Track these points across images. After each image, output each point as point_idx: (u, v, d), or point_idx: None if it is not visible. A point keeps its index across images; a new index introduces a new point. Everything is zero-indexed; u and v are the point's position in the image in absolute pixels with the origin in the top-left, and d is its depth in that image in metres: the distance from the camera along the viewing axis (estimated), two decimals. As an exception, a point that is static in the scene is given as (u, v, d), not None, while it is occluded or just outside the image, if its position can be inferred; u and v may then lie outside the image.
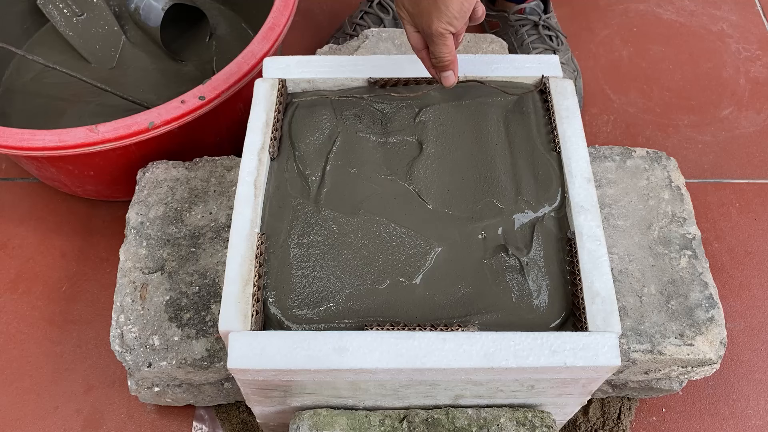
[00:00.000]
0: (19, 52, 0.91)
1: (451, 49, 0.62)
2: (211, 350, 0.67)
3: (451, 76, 0.64)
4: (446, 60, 0.63)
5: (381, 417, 0.62)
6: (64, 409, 0.81)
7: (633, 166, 0.77)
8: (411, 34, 0.64)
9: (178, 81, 1.01)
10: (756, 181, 1.01)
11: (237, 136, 0.78)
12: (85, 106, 0.97)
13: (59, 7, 1.02)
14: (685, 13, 1.21)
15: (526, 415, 0.62)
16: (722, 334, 0.67)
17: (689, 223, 0.73)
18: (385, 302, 0.58)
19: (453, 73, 0.64)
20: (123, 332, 0.67)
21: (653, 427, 0.81)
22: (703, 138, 1.06)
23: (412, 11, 0.61)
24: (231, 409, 0.80)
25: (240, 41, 1.05)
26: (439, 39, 0.60)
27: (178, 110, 0.77)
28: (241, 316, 0.55)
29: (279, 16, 0.86)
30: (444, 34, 0.60)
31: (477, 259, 0.60)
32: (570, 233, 0.61)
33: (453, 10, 0.58)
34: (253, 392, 0.60)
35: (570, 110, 0.67)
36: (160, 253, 0.72)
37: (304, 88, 0.71)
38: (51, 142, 0.75)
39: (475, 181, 0.64)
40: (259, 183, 0.62)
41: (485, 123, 0.68)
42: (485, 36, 0.91)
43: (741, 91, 1.11)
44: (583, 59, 1.14)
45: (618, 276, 0.70)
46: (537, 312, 0.58)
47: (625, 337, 0.66)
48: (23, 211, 0.96)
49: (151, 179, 0.78)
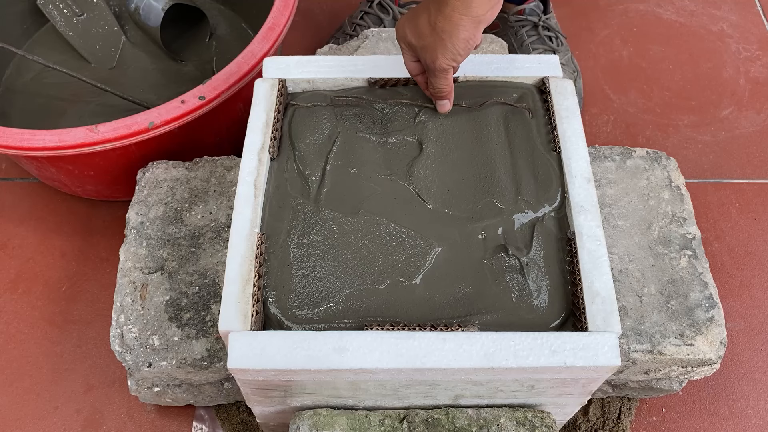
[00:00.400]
0: (19, 52, 0.91)
1: (450, 81, 0.63)
2: (211, 350, 0.67)
3: (447, 104, 0.66)
4: (444, 91, 0.64)
5: (381, 417, 0.62)
6: (64, 409, 0.81)
7: (633, 166, 0.77)
8: (409, 63, 0.65)
9: (178, 81, 1.01)
10: (756, 181, 1.01)
11: (237, 136, 0.78)
12: (85, 106, 0.97)
13: (59, 7, 1.02)
14: (685, 13, 1.21)
15: (526, 415, 0.62)
16: (722, 334, 0.67)
17: (689, 223, 0.73)
18: (385, 302, 0.58)
19: (449, 101, 0.66)
20: (123, 332, 0.67)
21: (653, 427, 0.81)
22: (703, 138, 1.06)
23: (416, 44, 0.61)
24: (231, 409, 0.80)
25: (240, 41, 1.05)
26: (441, 74, 0.62)
27: (178, 110, 0.77)
28: (241, 316, 0.55)
29: (279, 16, 0.86)
30: (447, 69, 0.61)
31: (477, 259, 0.60)
32: (570, 233, 0.61)
33: (459, 47, 0.59)
34: (253, 392, 0.60)
35: (570, 110, 0.67)
36: (160, 253, 0.72)
37: (304, 88, 0.71)
38: (51, 142, 0.75)
39: (475, 181, 0.64)
40: (259, 183, 0.62)
41: (485, 123, 0.68)
42: (485, 36, 0.91)
43: (741, 91, 1.11)
44: (583, 59, 1.14)
45: (618, 276, 0.70)
46: (537, 312, 0.58)
47: (625, 337, 0.66)
48: (23, 211, 0.96)
49: (151, 179, 0.78)
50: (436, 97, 0.66)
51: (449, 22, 0.57)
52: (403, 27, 0.62)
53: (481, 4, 0.57)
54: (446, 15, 0.57)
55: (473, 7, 0.57)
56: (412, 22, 0.61)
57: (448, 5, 0.57)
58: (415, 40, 0.61)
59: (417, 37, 0.60)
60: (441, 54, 0.59)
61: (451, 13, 0.57)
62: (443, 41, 0.58)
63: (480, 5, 0.57)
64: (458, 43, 0.58)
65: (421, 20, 0.60)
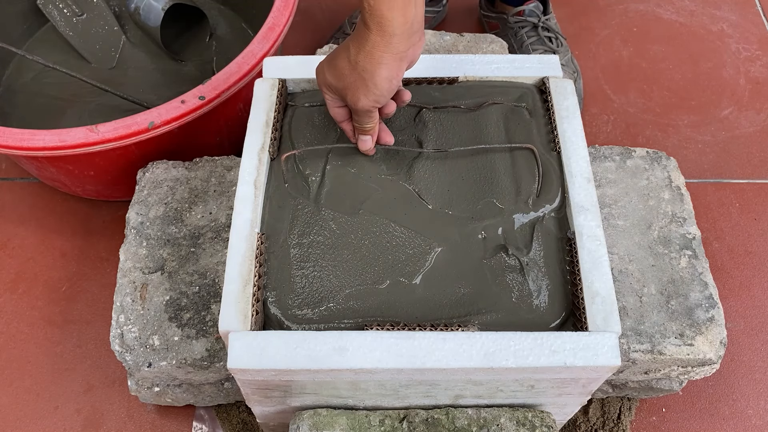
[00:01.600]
0: (19, 52, 0.91)
1: (375, 119, 0.61)
2: (211, 350, 0.67)
3: (369, 142, 0.63)
4: (368, 127, 0.61)
5: (381, 417, 0.62)
6: (64, 409, 0.81)
7: (633, 166, 0.77)
8: (333, 109, 0.62)
9: (178, 81, 1.01)
10: (756, 181, 1.01)
11: (237, 136, 0.78)
12: (85, 106, 0.98)
13: (59, 7, 1.02)
14: (685, 13, 1.21)
15: (526, 415, 0.62)
16: (722, 334, 0.67)
17: (689, 223, 0.73)
18: (385, 302, 0.58)
19: (371, 138, 0.63)
20: (123, 332, 0.67)
21: (653, 427, 0.81)
22: (703, 138, 1.06)
23: (336, 85, 0.58)
24: (231, 409, 0.80)
25: (240, 41, 1.05)
26: (365, 114, 0.59)
27: (178, 110, 0.77)
28: (241, 316, 0.55)
29: (279, 16, 0.86)
30: (371, 110, 0.59)
31: (477, 259, 0.60)
32: (570, 233, 0.61)
33: (382, 87, 0.56)
34: (253, 392, 0.60)
35: (570, 110, 0.67)
36: (160, 253, 0.72)
37: (304, 88, 0.71)
38: (51, 142, 0.75)
39: (475, 181, 0.64)
40: (259, 183, 0.62)
41: (485, 123, 0.68)
42: (485, 36, 0.91)
43: (741, 91, 1.11)
44: (583, 59, 1.14)
45: (618, 276, 0.70)
46: (537, 312, 0.58)
47: (625, 337, 0.66)
48: (23, 211, 0.96)
49: (151, 179, 0.78)
50: (359, 131, 0.62)
51: (370, 60, 0.54)
52: (323, 69, 0.59)
53: (401, 40, 0.54)
54: (366, 52, 0.54)
55: (393, 43, 0.53)
56: (332, 63, 0.58)
57: (368, 42, 0.53)
58: (335, 80, 0.58)
59: (337, 78, 0.57)
60: (363, 95, 0.57)
61: (371, 50, 0.54)
62: (365, 81, 0.56)
63: (401, 41, 0.54)
64: (380, 82, 0.55)
65: (341, 60, 0.56)
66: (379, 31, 0.53)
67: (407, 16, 0.53)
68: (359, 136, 0.63)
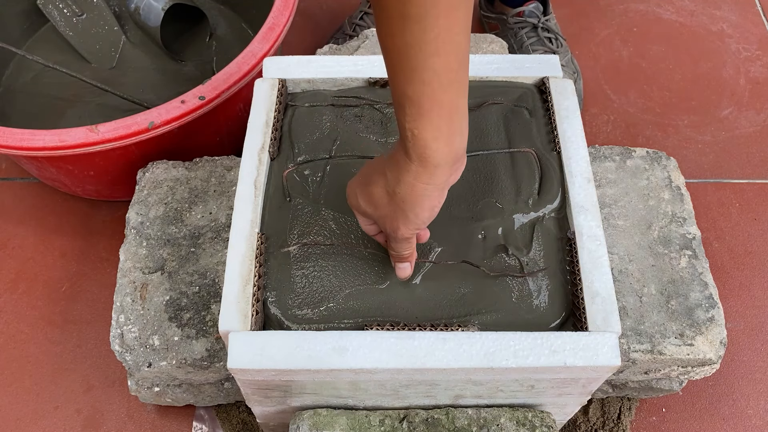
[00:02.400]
0: (19, 52, 0.91)
1: (413, 245, 0.56)
2: (211, 350, 0.67)
3: (408, 269, 0.58)
4: (406, 254, 0.56)
5: (381, 417, 0.62)
6: (64, 409, 0.81)
7: (633, 166, 0.77)
8: (365, 226, 0.57)
9: (178, 81, 1.01)
10: (756, 181, 1.01)
11: (237, 136, 0.78)
12: (85, 106, 0.98)
13: (59, 7, 1.02)
14: (685, 13, 1.21)
15: (526, 415, 0.62)
16: (722, 334, 0.67)
17: (689, 223, 0.73)
18: (385, 302, 0.58)
19: (410, 265, 0.58)
20: (123, 332, 0.67)
21: (653, 427, 0.81)
22: (703, 138, 1.06)
23: (373, 214, 0.53)
24: (231, 409, 0.80)
25: (240, 41, 1.05)
26: (404, 241, 0.54)
27: (178, 110, 0.77)
28: (241, 316, 0.55)
29: (279, 16, 0.86)
30: (410, 238, 0.54)
31: (477, 259, 0.60)
32: (570, 233, 0.61)
33: (423, 218, 0.51)
34: (253, 392, 0.60)
35: (570, 110, 0.67)
36: (160, 253, 0.72)
37: (304, 88, 0.71)
38: (51, 142, 0.75)
39: (475, 181, 0.64)
40: (259, 183, 0.62)
41: (485, 123, 0.68)
42: (485, 36, 0.91)
43: (741, 91, 1.11)
44: (583, 59, 1.14)
45: (618, 276, 0.70)
46: (537, 312, 0.58)
47: (625, 337, 0.66)
48: (23, 211, 0.96)
49: (151, 179, 0.78)
50: (396, 259, 0.57)
51: (411, 192, 0.48)
52: (355, 194, 0.53)
53: (444, 170, 0.48)
54: (407, 183, 0.48)
55: (437, 174, 0.48)
56: (366, 189, 0.52)
57: (409, 172, 0.47)
58: (371, 209, 0.52)
59: (373, 207, 0.52)
60: (403, 225, 0.51)
61: (413, 182, 0.48)
62: (405, 212, 0.50)
63: (443, 172, 0.48)
64: (422, 213, 0.50)
65: (376, 188, 0.51)
66: (422, 162, 0.47)
67: (452, 146, 0.47)
68: (397, 264, 0.58)
